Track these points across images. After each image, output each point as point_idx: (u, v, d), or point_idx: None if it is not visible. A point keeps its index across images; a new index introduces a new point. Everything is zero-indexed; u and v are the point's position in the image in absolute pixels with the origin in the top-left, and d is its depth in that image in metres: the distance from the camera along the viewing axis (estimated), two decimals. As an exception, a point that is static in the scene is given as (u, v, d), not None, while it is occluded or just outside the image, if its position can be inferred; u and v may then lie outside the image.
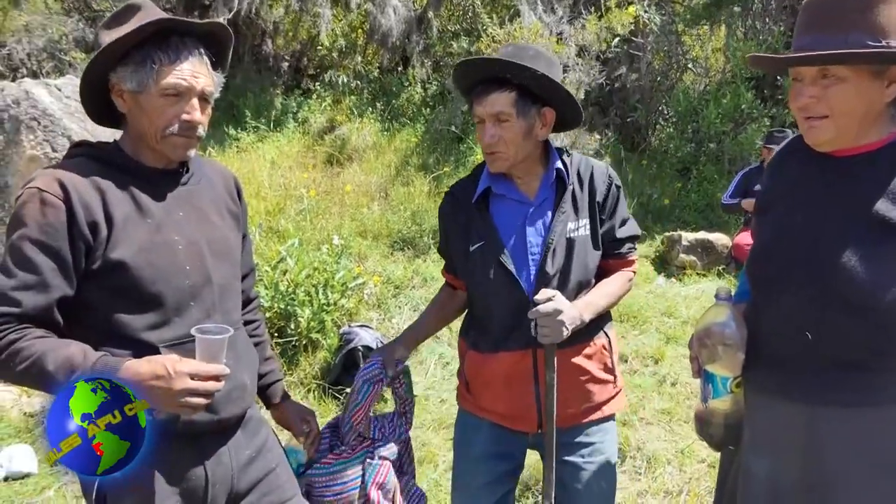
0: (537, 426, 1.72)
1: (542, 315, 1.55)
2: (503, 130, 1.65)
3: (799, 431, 1.33)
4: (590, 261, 1.72)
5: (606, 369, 1.78)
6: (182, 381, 1.20)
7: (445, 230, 1.85)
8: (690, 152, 7.40)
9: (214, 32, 1.44)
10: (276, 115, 7.29)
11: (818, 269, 1.29)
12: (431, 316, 1.96)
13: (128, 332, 1.33)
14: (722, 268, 5.69)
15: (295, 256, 4.13)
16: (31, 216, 1.27)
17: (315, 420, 1.79)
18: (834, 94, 1.25)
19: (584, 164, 1.76)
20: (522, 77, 1.63)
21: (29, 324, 1.26)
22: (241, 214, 1.63)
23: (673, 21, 7.88)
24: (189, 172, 1.51)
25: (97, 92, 1.42)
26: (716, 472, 2.99)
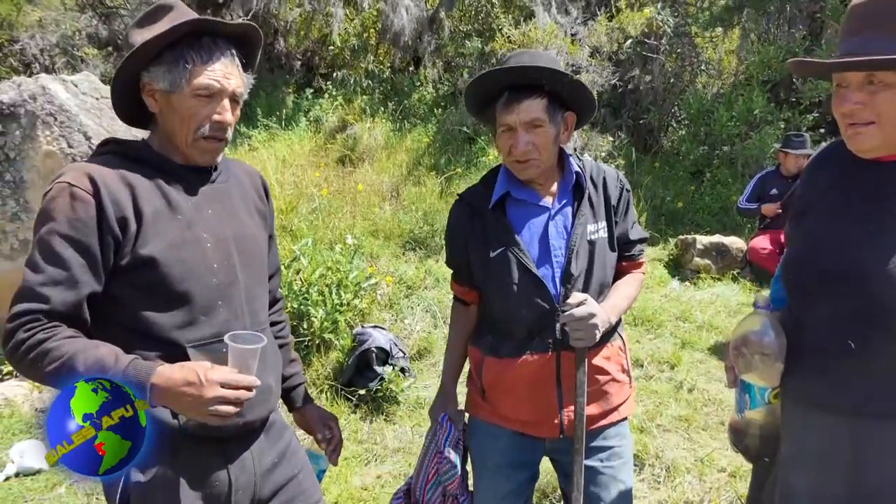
0: (559, 431, 1.71)
1: (576, 319, 1.56)
2: (537, 137, 1.64)
3: (842, 444, 1.29)
4: (608, 262, 1.74)
5: (623, 370, 1.80)
6: (213, 390, 1.18)
7: (461, 238, 1.78)
8: (703, 155, 7.35)
9: (246, 34, 1.44)
10: (288, 113, 7.29)
11: (862, 277, 1.25)
12: (459, 347, 1.90)
13: (154, 332, 1.31)
14: (737, 272, 5.63)
15: (308, 256, 4.11)
16: (60, 210, 1.26)
17: (337, 426, 1.76)
18: (881, 101, 1.22)
19: (595, 168, 1.78)
20: (556, 83, 1.64)
21: (58, 321, 1.23)
22: (268, 214, 1.62)
23: (686, 23, 7.82)
24: (218, 170, 1.49)
25: (128, 92, 1.41)
26: (737, 481, 2.97)
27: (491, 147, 6.86)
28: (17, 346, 1.21)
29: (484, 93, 1.70)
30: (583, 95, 1.69)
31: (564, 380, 1.68)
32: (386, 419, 3.52)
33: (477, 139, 7.05)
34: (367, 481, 3.03)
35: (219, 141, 1.40)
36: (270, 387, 1.48)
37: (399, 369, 3.66)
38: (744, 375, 1.43)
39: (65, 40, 7.25)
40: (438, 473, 1.78)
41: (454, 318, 1.93)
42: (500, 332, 1.75)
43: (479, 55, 7.59)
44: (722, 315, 4.88)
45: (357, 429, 3.39)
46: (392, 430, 3.43)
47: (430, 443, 1.83)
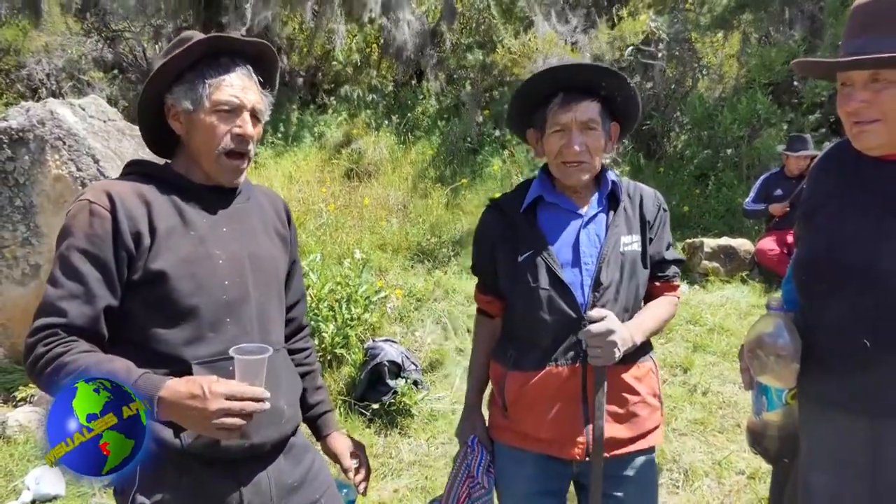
0: (585, 453, 1.60)
1: (593, 335, 1.49)
2: (590, 139, 1.62)
3: (862, 444, 1.29)
4: (640, 277, 1.68)
5: (654, 395, 1.71)
6: (217, 402, 1.16)
7: (489, 243, 1.74)
8: (707, 158, 7.36)
9: (261, 52, 1.47)
10: (293, 130, 7.34)
11: (874, 274, 1.25)
12: (483, 363, 1.83)
13: (161, 348, 1.31)
14: (746, 274, 5.61)
15: (317, 271, 4.12)
16: (79, 226, 1.30)
17: (365, 454, 1.72)
18: (886, 99, 1.23)
19: (632, 186, 1.75)
20: (614, 87, 1.64)
21: (76, 335, 1.25)
22: (290, 239, 1.62)
23: (686, 29, 7.85)
24: (238, 192, 1.51)
25: (153, 119, 1.45)
26: (756, 484, 2.95)
27: (496, 158, 6.89)
28: (36, 361, 1.23)
29: (536, 93, 1.67)
30: (634, 105, 1.69)
31: (591, 396, 1.59)
32: (400, 433, 3.51)
33: (481, 150, 7.08)
34: (385, 496, 3.02)
35: (241, 156, 1.43)
36: (282, 410, 1.45)
37: (412, 382, 3.66)
38: (760, 377, 1.43)
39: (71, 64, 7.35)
40: (471, 498, 1.71)
41: (477, 332, 1.87)
42: (524, 343, 1.67)
43: (480, 67, 7.64)
44: (732, 317, 4.86)
45: (372, 443, 3.39)
46: (407, 444, 3.42)
47: (460, 465, 1.74)
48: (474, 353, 1.88)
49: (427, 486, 3.07)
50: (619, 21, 6.73)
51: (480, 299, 1.83)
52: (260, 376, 1.24)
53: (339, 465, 1.68)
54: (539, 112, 1.67)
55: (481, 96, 7.67)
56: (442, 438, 3.46)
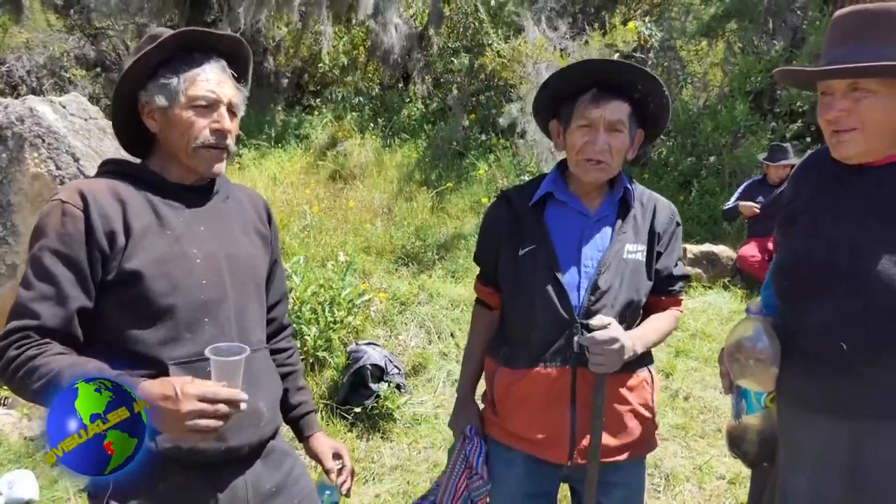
0: (568, 457, 1.60)
1: (596, 343, 1.47)
2: (614, 140, 1.58)
3: (841, 447, 1.30)
4: (641, 287, 1.64)
5: (647, 406, 1.69)
6: (189, 403, 1.12)
7: (494, 234, 1.71)
8: (690, 165, 7.42)
9: (235, 47, 1.46)
10: (278, 131, 7.30)
11: (854, 278, 1.27)
12: (479, 354, 1.82)
13: (138, 349, 1.29)
14: (728, 280, 5.66)
15: (300, 273, 4.09)
16: (51, 227, 1.27)
17: (347, 455, 1.70)
18: (865, 108, 1.25)
19: (647, 194, 1.72)
20: (648, 93, 1.60)
21: (49, 337, 1.23)
22: (271, 238, 1.61)
23: (671, 37, 7.94)
24: (216, 190, 1.49)
25: (127, 118, 1.43)
26: (736, 488, 2.97)
27: (482, 161, 6.90)
28: (8, 364, 1.21)
29: (568, 85, 1.62)
30: (665, 113, 1.65)
31: (580, 400, 1.58)
32: (382, 437, 3.49)
33: (467, 154, 7.08)
34: (366, 501, 3.00)
35: (220, 149, 1.41)
36: (261, 411, 1.42)
37: (395, 386, 3.63)
38: (739, 381, 1.44)
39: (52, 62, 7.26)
40: (469, 489, 1.70)
41: (475, 321, 1.85)
42: (517, 340, 1.66)
43: (467, 71, 7.66)
44: (714, 323, 4.90)
45: (353, 448, 3.36)
46: (389, 448, 3.40)
47: (457, 456, 1.73)
48: (470, 343, 1.86)
49: (409, 490, 3.05)
50: (610, 28, 6.78)
51: (481, 290, 1.81)
52: (237, 377, 1.21)
53: (322, 467, 1.66)
54: (566, 104, 1.62)
55: (468, 100, 7.69)
56: (424, 443, 3.44)
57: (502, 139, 7.12)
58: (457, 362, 4.11)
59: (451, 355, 4.18)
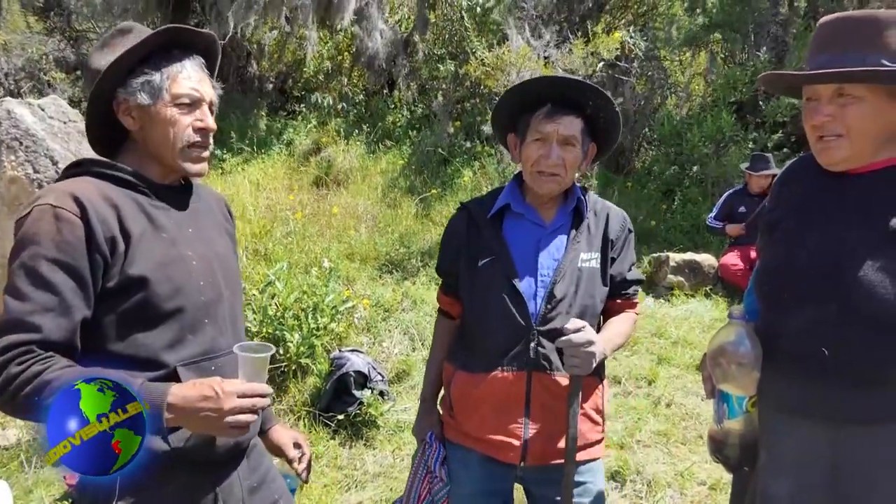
0: (520, 458, 1.66)
1: (573, 345, 1.53)
2: (567, 154, 1.65)
3: (822, 451, 1.31)
4: (597, 293, 1.71)
5: (597, 411, 1.76)
6: (231, 401, 1.18)
7: (454, 245, 1.79)
8: (674, 174, 7.49)
9: (210, 45, 1.46)
10: (261, 136, 7.25)
11: (838, 285, 1.27)
12: (441, 360, 1.88)
13: (142, 353, 1.27)
14: (709, 288, 5.71)
15: (283, 280, 4.06)
16: (44, 233, 1.21)
17: (306, 443, 1.74)
18: (850, 114, 1.26)
19: (599, 203, 1.79)
20: (598, 108, 1.66)
21: (52, 351, 1.18)
22: (234, 235, 1.63)
23: (655, 47, 8.02)
24: (191, 191, 1.49)
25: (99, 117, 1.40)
26: (717, 494, 2.98)
27: (466, 168, 6.90)
28: (10, 381, 1.14)
29: (526, 98, 1.68)
30: (615, 128, 1.72)
31: (535, 404, 1.65)
32: (366, 444, 3.46)
33: (452, 161, 7.09)
34: (347, 507, 2.97)
35: (204, 148, 1.41)
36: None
37: (378, 393, 3.61)
38: (721, 385, 1.44)
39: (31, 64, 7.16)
40: (431, 493, 1.76)
41: (438, 332, 1.91)
42: (473, 346, 1.73)
43: (452, 78, 7.67)
44: (696, 331, 4.93)
45: (336, 455, 3.33)
46: (372, 455, 3.37)
47: (419, 463, 1.80)
48: (433, 351, 1.93)
49: (392, 498, 3.02)
50: (593, 37, 6.83)
51: (443, 300, 1.88)
52: (263, 373, 1.27)
53: (284, 457, 1.70)
54: (523, 118, 1.70)
55: (453, 107, 7.70)
56: (408, 450, 3.42)
57: (487, 146, 7.14)
58: (440, 369, 4.09)
59: (434, 362, 4.16)
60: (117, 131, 1.40)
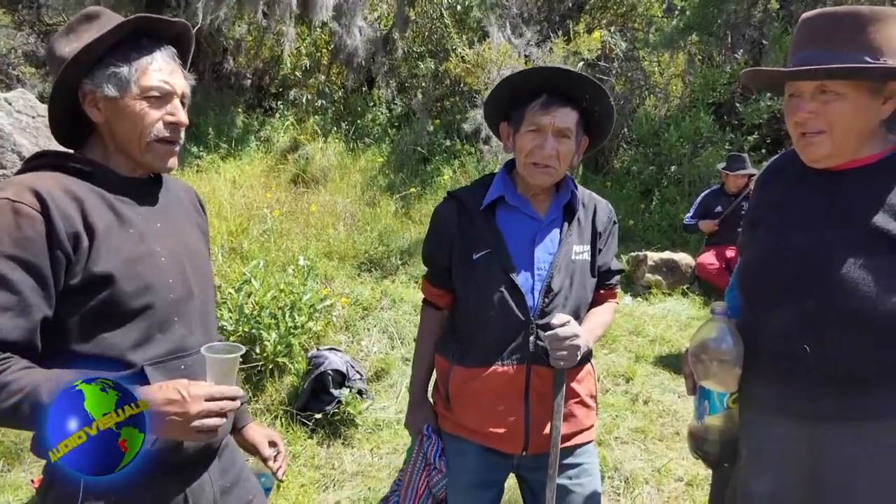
0: (522, 448, 1.68)
1: (559, 339, 1.54)
2: (562, 146, 1.63)
3: (802, 448, 1.31)
4: (588, 284, 1.73)
5: (591, 395, 1.80)
6: (198, 404, 1.14)
7: (445, 236, 1.74)
8: (652, 174, 7.55)
9: (182, 33, 1.40)
10: (238, 133, 7.16)
11: (819, 282, 1.28)
12: (430, 355, 1.85)
13: (109, 353, 1.23)
14: (686, 287, 5.76)
15: (260, 278, 4.00)
16: (2, 229, 1.15)
17: (282, 441, 1.72)
18: (833, 110, 1.26)
19: (587, 196, 1.80)
20: (594, 101, 1.65)
21: (10, 352, 1.13)
22: (206, 229, 1.58)
23: (634, 47, 8.08)
24: (159, 184, 1.44)
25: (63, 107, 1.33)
26: (693, 490, 3.00)
27: (446, 167, 6.88)
28: None
29: (522, 88, 1.66)
30: (609, 122, 1.71)
31: (533, 395, 1.66)
32: (344, 443, 3.42)
33: (432, 159, 7.06)
34: (324, 508, 2.93)
35: (173, 143, 1.35)
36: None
37: (356, 391, 3.58)
38: (703, 382, 1.44)
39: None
40: (430, 486, 1.75)
41: (424, 323, 1.88)
42: (470, 340, 1.71)
43: (432, 76, 7.64)
44: (673, 329, 4.97)
45: (314, 454, 3.29)
46: (350, 454, 3.34)
47: (416, 456, 1.78)
48: (420, 344, 1.89)
49: (370, 497, 2.99)
50: (574, 36, 6.85)
51: (430, 291, 1.84)
52: (232, 374, 1.23)
53: (259, 456, 1.67)
54: (517, 108, 1.68)
55: (433, 105, 7.67)
56: (386, 448, 3.39)
57: (467, 145, 7.12)
58: (420, 368, 4.07)
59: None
60: (83, 123, 1.34)
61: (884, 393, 1.25)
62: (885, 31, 1.23)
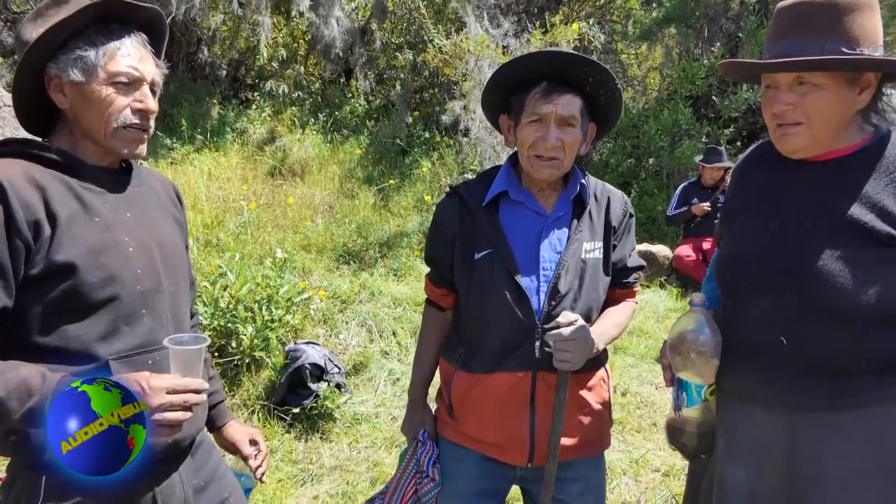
0: (527, 460, 1.58)
1: (564, 339, 1.45)
2: (567, 136, 1.52)
3: (777, 437, 1.32)
4: (600, 285, 1.62)
5: (604, 403, 1.68)
6: (159, 397, 1.12)
7: (447, 234, 1.64)
8: (630, 167, 7.60)
9: (153, 20, 1.37)
10: (214, 125, 7.04)
11: (796, 274, 1.28)
12: (431, 357, 1.77)
13: (73, 346, 1.19)
14: (664, 279, 5.81)
15: (236, 271, 3.94)
16: None
17: (263, 440, 1.68)
18: (811, 102, 1.26)
19: (600, 187, 1.68)
20: (599, 85, 1.54)
21: None
22: (183, 223, 1.54)
23: (612, 40, 8.11)
24: (131, 174, 1.40)
25: (29, 93, 1.30)
26: (670, 480, 3.02)
27: (425, 159, 6.85)
28: None
29: (520, 76, 1.55)
30: (616, 107, 1.60)
31: (539, 404, 1.55)
32: (322, 437, 3.39)
33: (410, 151, 7.02)
34: (304, 502, 2.90)
35: (143, 130, 1.32)
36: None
37: (334, 385, 3.55)
38: (681, 373, 1.44)
39: (-34, 47, 6.77)
40: (418, 494, 1.67)
41: (427, 325, 1.78)
42: (473, 343, 1.62)
43: (411, 67, 7.59)
44: (651, 320, 5.01)
45: (291, 449, 3.26)
46: (328, 448, 3.31)
47: (408, 461, 1.70)
48: (422, 345, 1.80)
49: (349, 491, 2.97)
50: (551, 27, 6.84)
51: (433, 291, 1.75)
52: (197, 367, 1.20)
53: (239, 454, 1.63)
54: (517, 98, 1.56)
55: (411, 97, 7.62)
56: (365, 443, 3.37)
57: (446, 137, 7.09)
58: (398, 361, 4.05)
59: (392, 354, 4.11)
60: (51, 109, 1.31)
61: (860, 383, 1.25)
62: (861, 20, 1.23)
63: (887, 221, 1.22)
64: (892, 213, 1.22)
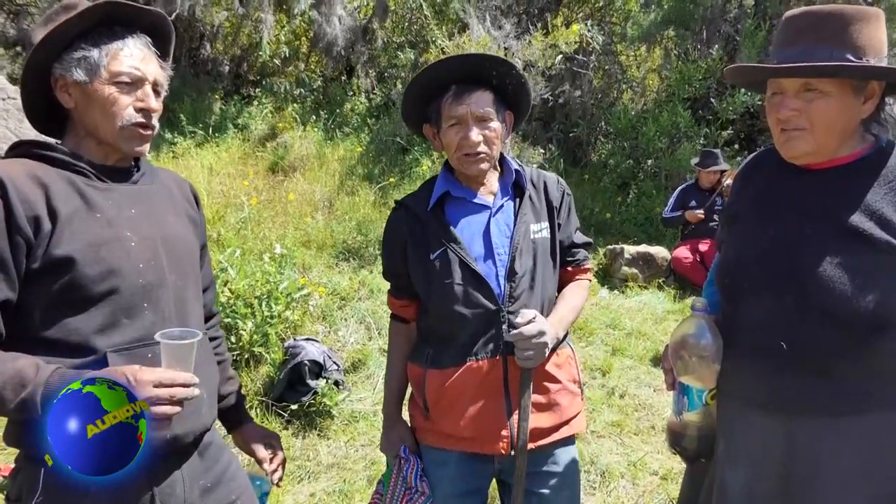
0: (510, 446, 1.60)
1: (524, 338, 1.49)
2: (487, 130, 1.61)
3: (777, 441, 1.33)
4: (553, 263, 1.70)
5: (574, 381, 1.73)
6: (145, 390, 1.12)
7: (398, 245, 1.71)
8: (629, 168, 7.61)
9: (157, 23, 1.39)
10: (215, 120, 7.04)
11: (796, 279, 1.29)
12: (400, 370, 1.80)
13: (73, 338, 1.21)
14: (662, 280, 5.83)
15: (236, 266, 3.94)
16: None
17: (280, 444, 1.67)
18: (817, 108, 1.27)
19: (535, 173, 1.76)
20: (504, 76, 1.62)
21: None
22: (200, 222, 1.55)
23: (612, 41, 8.11)
24: (140, 171, 1.41)
25: (37, 94, 1.33)
26: (668, 484, 3.04)
27: (425, 157, 6.85)
28: None
29: (429, 86, 1.65)
30: (525, 93, 1.68)
31: (513, 389, 1.60)
32: (319, 434, 3.40)
33: (411, 149, 7.02)
34: (301, 500, 2.91)
35: (146, 129, 1.34)
36: (202, 399, 1.38)
37: (333, 382, 3.55)
38: (682, 378, 1.45)
39: (-33, 39, 6.76)
40: None
41: (393, 339, 1.83)
42: (442, 340, 1.66)
43: (412, 66, 7.59)
44: (649, 322, 5.03)
45: (289, 445, 3.27)
46: (326, 446, 3.32)
47: (395, 481, 1.69)
48: (391, 360, 1.84)
49: (346, 489, 2.98)
50: (553, 29, 6.85)
51: (394, 304, 1.80)
52: (188, 362, 1.20)
53: (254, 457, 1.62)
54: (433, 106, 1.66)
55: (412, 96, 7.60)
56: (362, 440, 3.38)
57: (446, 136, 7.08)
58: (397, 359, 4.05)
59: (391, 352, 4.12)
60: (60, 109, 1.34)
61: (859, 388, 1.27)
62: (868, 30, 1.24)
63: (886, 230, 1.24)
64: (891, 222, 1.24)
